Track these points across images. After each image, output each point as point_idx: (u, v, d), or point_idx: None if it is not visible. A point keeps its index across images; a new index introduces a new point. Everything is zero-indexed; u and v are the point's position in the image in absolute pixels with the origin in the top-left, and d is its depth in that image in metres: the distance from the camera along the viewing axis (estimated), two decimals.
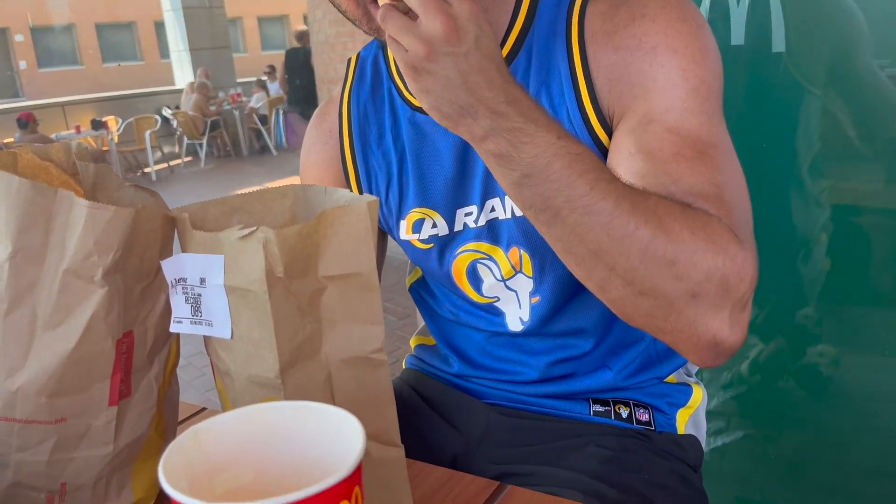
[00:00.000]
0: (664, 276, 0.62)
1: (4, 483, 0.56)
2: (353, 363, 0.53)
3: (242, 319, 0.50)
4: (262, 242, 0.47)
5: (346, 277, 0.51)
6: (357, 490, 0.38)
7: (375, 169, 0.91)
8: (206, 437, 0.42)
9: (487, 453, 0.94)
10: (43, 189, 0.53)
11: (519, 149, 0.61)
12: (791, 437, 1.55)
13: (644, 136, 0.71)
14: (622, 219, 0.61)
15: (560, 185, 0.61)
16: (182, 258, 0.53)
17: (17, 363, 0.53)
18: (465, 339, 0.98)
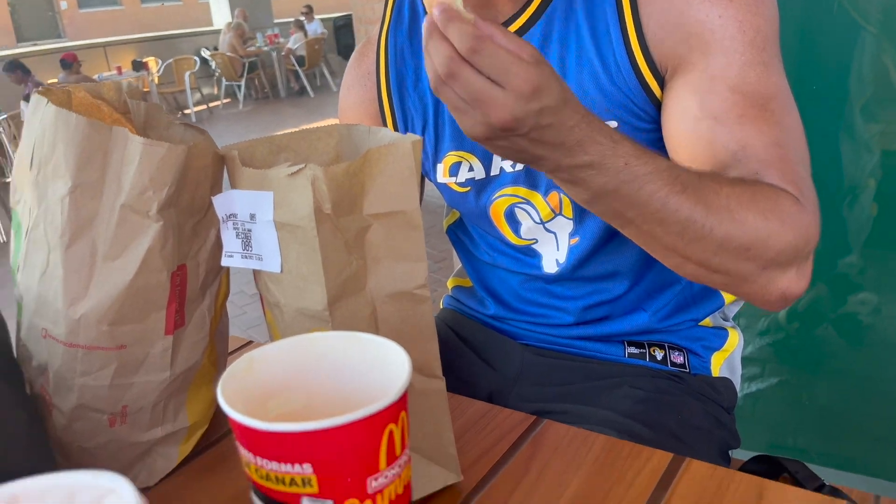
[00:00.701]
0: (738, 260, 0.66)
1: (69, 405, 0.59)
2: (397, 298, 0.54)
3: (291, 254, 0.52)
4: (311, 179, 0.48)
5: (391, 215, 0.53)
6: (403, 415, 0.40)
7: (412, 112, 0.91)
8: (260, 364, 0.44)
9: (522, 392, 0.96)
10: (99, 126, 0.54)
11: (588, 180, 0.62)
12: (827, 384, 1.54)
13: (708, 98, 0.72)
14: (696, 224, 0.64)
15: (631, 203, 0.63)
16: (232, 194, 0.54)
17: (80, 293, 0.56)
18: (501, 282, 0.99)
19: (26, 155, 0.58)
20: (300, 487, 0.38)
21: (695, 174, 0.66)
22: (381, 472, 0.39)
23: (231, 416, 0.38)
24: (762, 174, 0.69)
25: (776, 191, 0.68)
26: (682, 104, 0.74)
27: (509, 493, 0.59)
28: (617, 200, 0.63)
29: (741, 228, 0.65)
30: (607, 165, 0.61)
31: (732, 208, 0.64)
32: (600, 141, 0.60)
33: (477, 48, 0.53)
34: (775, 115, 0.71)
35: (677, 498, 0.56)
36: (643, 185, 0.62)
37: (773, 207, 0.66)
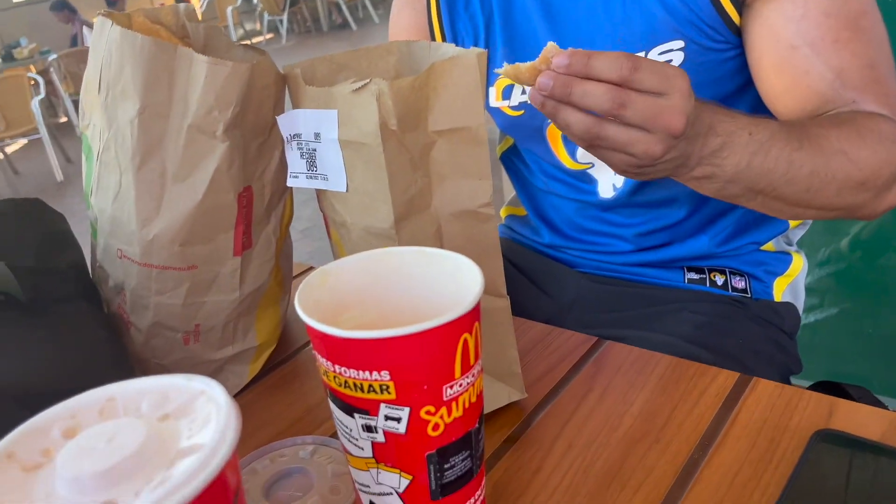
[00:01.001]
0: (856, 194, 0.69)
1: (146, 322, 0.61)
2: (461, 217, 0.54)
3: (357, 172, 0.52)
4: (376, 95, 0.48)
5: (456, 132, 0.52)
6: (476, 325, 0.40)
7: (462, 34, 0.89)
8: (334, 278, 0.45)
9: (579, 318, 0.96)
10: (164, 45, 0.54)
11: (721, 166, 0.62)
12: (891, 313, 1.51)
13: (803, 25, 0.71)
14: (820, 175, 0.66)
15: (762, 173, 0.64)
16: (296, 114, 0.54)
17: (152, 213, 0.57)
18: (555, 211, 0.98)
19: (94, 78, 0.58)
20: (378, 394, 0.38)
21: (800, 125, 0.68)
22: (456, 381, 0.39)
23: (310, 325, 0.39)
24: (859, 102, 0.71)
25: (875, 119, 0.70)
26: (773, 32, 0.73)
27: (573, 411, 0.59)
28: (749, 176, 0.63)
29: (857, 166, 0.67)
30: (735, 142, 0.61)
31: (846, 150, 0.67)
32: (722, 118, 0.61)
33: (637, 66, 0.53)
34: (867, 33, 0.71)
35: (744, 416, 0.56)
36: (769, 151, 0.63)
37: (879, 138, 0.68)
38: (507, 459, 0.55)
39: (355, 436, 0.41)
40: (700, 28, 0.75)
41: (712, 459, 0.52)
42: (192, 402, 0.33)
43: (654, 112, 0.54)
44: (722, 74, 0.79)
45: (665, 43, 0.76)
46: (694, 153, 0.60)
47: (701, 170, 0.62)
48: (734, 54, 0.77)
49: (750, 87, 0.79)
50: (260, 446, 0.59)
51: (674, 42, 0.76)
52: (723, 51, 0.77)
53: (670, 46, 0.76)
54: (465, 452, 0.42)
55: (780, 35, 0.72)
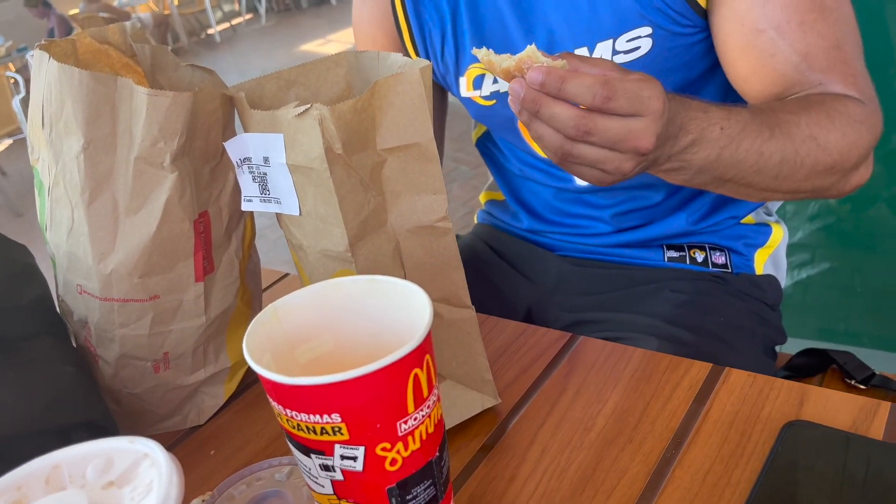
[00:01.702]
0: (824, 177, 0.70)
1: (113, 355, 0.61)
2: (419, 232, 0.53)
3: (308, 196, 0.51)
4: (318, 120, 0.47)
5: (405, 148, 0.51)
6: (428, 358, 0.40)
7: (428, 23, 0.87)
8: (285, 313, 0.44)
9: (561, 302, 0.96)
10: (103, 79, 0.53)
11: (690, 161, 0.62)
12: (880, 267, 1.50)
13: (767, 8, 0.70)
14: (789, 163, 0.66)
15: (731, 164, 0.64)
16: (244, 138, 0.53)
17: (107, 248, 0.56)
18: (533, 195, 0.97)
19: (37, 113, 0.57)
20: (331, 436, 0.38)
21: (771, 112, 0.67)
22: (410, 415, 0.39)
23: (257, 371, 0.39)
24: (825, 84, 0.71)
25: (843, 101, 0.69)
26: (738, 15, 0.72)
27: (547, 414, 0.59)
28: (718, 168, 0.64)
29: (826, 151, 0.67)
30: (706, 137, 0.61)
31: (816, 135, 0.67)
32: (695, 116, 0.60)
33: (611, 94, 0.52)
34: (833, 13, 0.70)
35: (716, 409, 0.56)
36: (739, 144, 0.63)
37: (848, 121, 0.68)
38: (482, 469, 0.55)
39: (315, 474, 0.41)
40: (667, 14, 0.74)
41: (684, 458, 0.52)
42: (136, 466, 0.33)
43: (623, 135, 0.54)
44: (690, 58, 0.78)
45: (633, 30, 0.75)
46: (664, 153, 0.60)
47: (670, 164, 0.62)
48: (701, 38, 0.76)
49: (718, 69, 0.78)
50: (239, 468, 0.59)
51: (641, 28, 0.75)
52: (690, 35, 0.76)
53: (638, 33, 0.75)
54: (428, 481, 0.42)
55: (746, 18, 0.71)
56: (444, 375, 0.58)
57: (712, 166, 0.63)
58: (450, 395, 0.58)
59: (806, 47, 0.70)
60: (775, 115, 0.67)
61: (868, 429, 0.52)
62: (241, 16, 10.79)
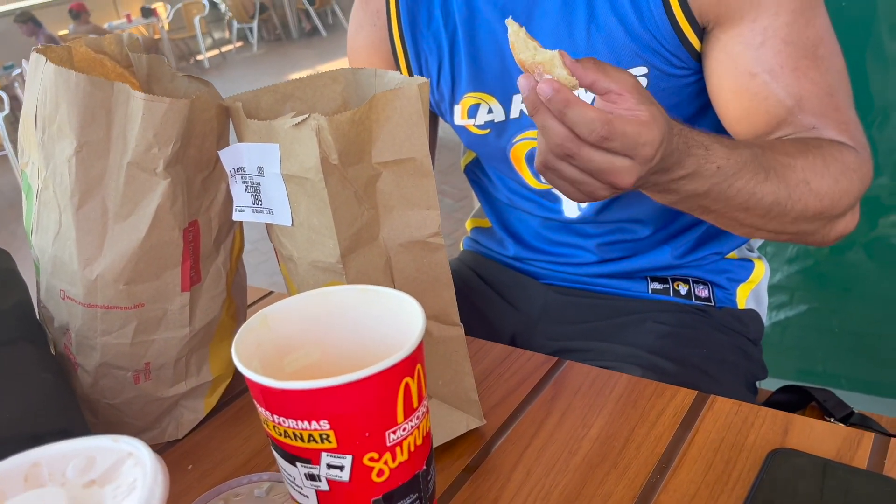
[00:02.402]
0: (810, 222, 0.70)
1: (93, 363, 0.60)
2: (410, 248, 0.53)
3: (301, 207, 0.51)
4: (316, 130, 0.47)
5: (400, 163, 0.51)
6: (419, 368, 0.40)
7: (426, 51, 0.88)
8: (274, 320, 0.44)
9: (545, 330, 0.96)
10: (100, 83, 0.53)
11: (680, 188, 0.63)
12: (858, 309, 1.52)
13: (761, 53, 0.71)
14: (779, 206, 0.67)
15: (719, 198, 0.64)
16: (239, 147, 0.53)
17: (94, 253, 0.56)
18: (520, 223, 0.98)
19: (30, 116, 0.57)
20: (318, 444, 0.38)
21: (770, 152, 0.67)
22: (398, 426, 0.39)
23: (246, 376, 0.38)
24: (819, 129, 0.71)
25: (839, 148, 0.70)
26: (732, 58, 0.72)
27: (532, 436, 0.59)
28: (705, 199, 0.65)
29: (817, 197, 0.68)
30: (700, 173, 0.62)
31: (809, 180, 0.67)
32: (695, 153, 0.61)
33: (608, 136, 0.52)
34: (825, 61, 0.71)
35: (702, 436, 0.56)
36: (732, 183, 0.63)
37: (842, 169, 0.69)
38: (466, 490, 0.55)
39: (299, 484, 0.40)
40: (662, 55, 0.75)
41: (669, 483, 0.52)
42: (119, 466, 0.32)
43: (604, 168, 0.55)
44: (683, 98, 0.79)
45: (629, 69, 0.76)
46: (651, 181, 0.61)
47: (657, 188, 0.63)
48: (695, 79, 0.78)
49: (709, 109, 0.79)
50: (217, 483, 0.58)
51: (637, 69, 0.76)
52: (684, 76, 0.77)
53: (633, 73, 0.76)
54: (413, 495, 0.41)
55: (739, 62, 0.72)
56: (429, 394, 0.58)
57: (701, 197, 0.64)
58: (435, 414, 0.58)
59: (799, 92, 0.71)
60: (774, 156, 0.68)
61: (852, 458, 0.52)
62: (232, 43, 10.86)
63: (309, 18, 10.97)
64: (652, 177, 0.60)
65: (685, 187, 0.63)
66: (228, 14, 10.72)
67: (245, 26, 10.65)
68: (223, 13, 10.95)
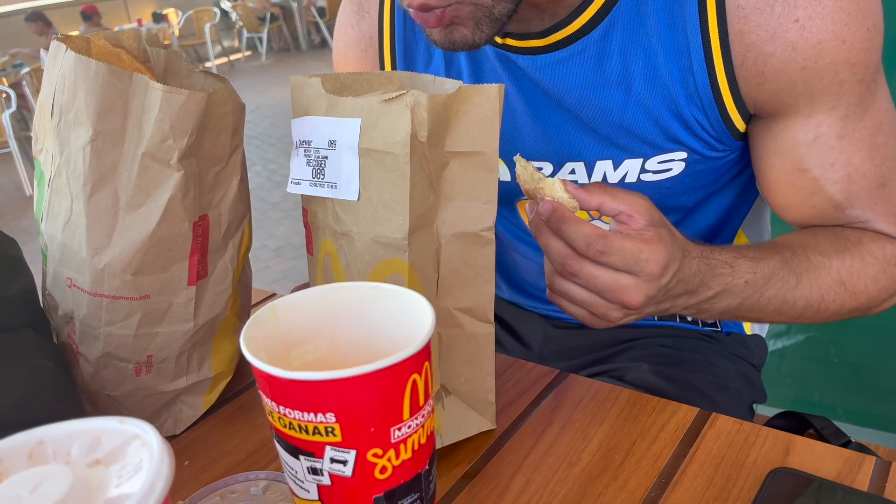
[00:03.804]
0: (848, 316, 0.71)
1: (96, 353, 0.60)
2: (462, 238, 0.54)
3: (373, 181, 0.51)
4: (411, 106, 0.48)
5: (470, 155, 0.52)
6: (427, 365, 0.40)
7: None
8: (283, 313, 0.44)
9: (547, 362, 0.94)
10: (119, 73, 0.53)
11: (712, 308, 0.64)
12: (857, 341, 1.52)
13: (814, 149, 0.68)
14: (812, 308, 0.67)
15: (752, 308, 0.66)
16: (312, 120, 0.54)
17: (103, 242, 0.56)
18: (517, 267, 0.96)
19: (47, 103, 0.57)
20: (323, 437, 0.38)
21: (802, 252, 0.67)
22: (404, 422, 0.39)
23: (254, 365, 0.38)
24: (865, 222, 0.70)
25: (882, 243, 0.70)
26: (781, 151, 0.69)
27: (532, 446, 0.58)
28: (738, 311, 0.66)
29: (853, 296, 0.68)
30: (730, 291, 0.63)
31: (844, 280, 0.67)
32: (720, 272, 0.62)
33: (602, 248, 0.54)
34: (881, 150, 0.68)
35: (703, 452, 0.56)
36: (763, 293, 0.64)
37: (882, 266, 0.69)
38: (465, 496, 0.54)
39: (301, 478, 0.40)
40: (705, 140, 0.71)
41: (669, 498, 0.52)
42: (125, 446, 0.32)
43: (610, 286, 0.55)
44: (717, 176, 0.77)
45: (667, 153, 0.72)
46: (678, 304, 0.61)
47: (688, 311, 0.64)
48: (734, 157, 0.75)
49: (742, 175, 0.78)
50: (214, 480, 0.57)
51: (676, 153, 0.72)
52: (722, 158, 0.74)
53: (672, 157, 0.73)
54: (415, 495, 0.41)
55: (789, 156, 0.69)
56: (450, 391, 0.58)
57: (734, 311, 0.66)
58: (451, 412, 0.58)
59: (848, 188, 0.68)
60: (806, 257, 0.66)
61: (853, 481, 0.52)
62: (241, 52, 10.93)
63: (319, 31, 11.05)
64: (678, 300, 0.60)
65: (716, 306, 0.63)
66: (239, 23, 10.80)
67: (255, 35, 10.73)
68: (233, 22, 11.03)
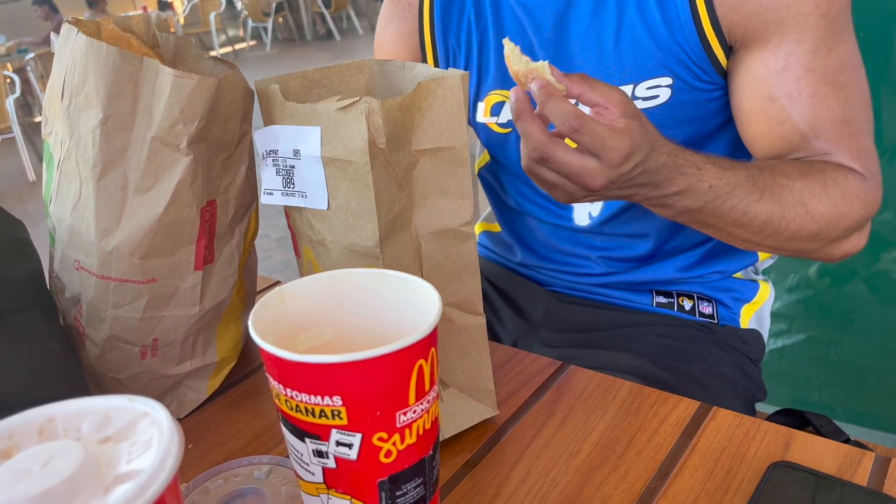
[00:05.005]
0: (808, 242, 0.73)
1: (102, 335, 0.60)
2: (441, 235, 0.54)
3: (340, 190, 0.51)
4: (366, 113, 0.47)
5: (439, 151, 0.52)
6: (433, 351, 0.40)
7: (454, 46, 0.89)
8: (291, 297, 0.44)
9: (546, 337, 0.96)
10: (130, 56, 0.54)
11: (675, 204, 0.67)
12: (856, 342, 1.52)
13: (782, 78, 0.72)
14: (773, 224, 0.70)
15: (713, 214, 0.68)
16: (275, 130, 0.53)
17: (112, 225, 0.56)
18: (529, 230, 0.98)
19: (57, 85, 0.58)
20: (329, 420, 0.38)
21: (769, 172, 0.70)
22: (409, 407, 0.39)
23: (263, 347, 0.38)
24: (831, 154, 0.73)
25: (844, 172, 0.72)
26: (753, 81, 0.74)
27: (533, 437, 0.59)
28: (700, 214, 0.68)
29: (813, 219, 0.70)
30: (693, 191, 0.66)
31: (806, 202, 0.70)
32: (686, 171, 0.65)
33: (578, 128, 0.58)
34: (845, 89, 0.72)
35: (703, 445, 0.56)
36: (726, 200, 0.67)
37: (843, 193, 0.71)
38: (466, 484, 0.55)
39: (306, 461, 0.40)
40: (688, 67, 0.76)
41: (669, 489, 0.52)
42: (135, 424, 0.32)
43: (575, 170, 0.60)
44: (704, 113, 0.80)
45: (654, 78, 0.77)
46: (641, 193, 0.65)
47: (657, 202, 0.67)
48: (718, 95, 0.79)
49: (730, 125, 0.80)
50: (217, 463, 0.58)
51: (662, 78, 0.77)
52: (708, 91, 0.78)
53: (658, 82, 0.77)
54: (419, 479, 0.41)
55: (759, 85, 0.74)
56: (447, 384, 0.58)
57: (696, 213, 0.68)
58: (452, 403, 0.58)
59: (814, 118, 0.72)
60: (772, 176, 0.70)
61: (852, 476, 0.52)
62: (245, 41, 10.91)
63: (324, 21, 11.02)
64: (642, 190, 0.64)
65: (679, 203, 0.67)
66: (244, 12, 10.77)
67: (260, 25, 10.70)
68: (239, 11, 11.01)
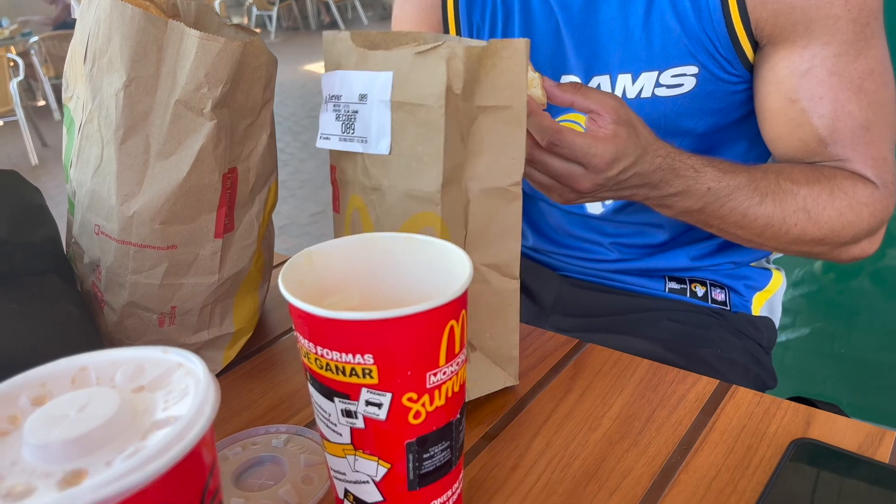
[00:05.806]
0: (812, 246, 0.73)
1: (121, 301, 0.60)
2: (490, 194, 0.54)
3: (406, 135, 0.51)
4: (447, 58, 0.48)
5: (498, 109, 0.52)
6: (464, 313, 0.40)
7: (479, 22, 0.88)
8: (319, 259, 0.44)
9: (558, 322, 0.96)
10: (155, 19, 0.53)
11: (674, 205, 0.69)
12: (861, 337, 1.52)
13: (805, 80, 0.72)
14: (773, 228, 0.71)
15: (713, 215, 0.70)
16: (344, 74, 0.53)
17: (133, 189, 0.56)
18: (542, 216, 0.98)
19: (80, 48, 0.57)
20: (360, 378, 0.38)
21: (773, 176, 0.71)
22: (440, 368, 0.39)
23: (294, 304, 0.38)
24: (845, 161, 0.73)
25: (854, 181, 0.72)
26: (777, 80, 0.74)
27: (552, 410, 0.59)
28: (700, 215, 0.70)
29: (816, 225, 0.71)
30: (691, 192, 0.68)
31: (809, 209, 0.71)
32: (683, 174, 0.67)
33: (555, 141, 0.60)
34: (869, 95, 0.72)
35: (723, 422, 0.56)
36: (725, 202, 0.69)
37: (851, 202, 0.72)
38: (485, 455, 0.54)
39: (334, 421, 0.40)
40: (715, 57, 0.76)
41: (690, 463, 0.52)
42: (169, 374, 0.32)
43: (562, 173, 0.62)
44: (727, 105, 0.79)
45: (680, 66, 0.77)
46: (639, 194, 0.67)
47: (656, 202, 0.69)
48: (743, 88, 0.78)
49: (753, 118, 0.80)
50: (234, 432, 0.58)
51: (688, 67, 0.77)
52: (733, 83, 0.77)
53: (684, 70, 0.77)
54: (446, 443, 0.41)
55: (782, 86, 0.73)
56: (475, 346, 0.58)
57: (696, 214, 0.70)
58: (477, 368, 0.58)
59: (833, 123, 0.72)
60: (777, 181, 0.70)
61: (874, 454, 0.52)
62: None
63: (329, 11, 11.00)
64: (639, 190, 0.66)
65: (678, 204, 0.69)
66: (249, 0, 10.74)
67: (264, 13, 10.68)
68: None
